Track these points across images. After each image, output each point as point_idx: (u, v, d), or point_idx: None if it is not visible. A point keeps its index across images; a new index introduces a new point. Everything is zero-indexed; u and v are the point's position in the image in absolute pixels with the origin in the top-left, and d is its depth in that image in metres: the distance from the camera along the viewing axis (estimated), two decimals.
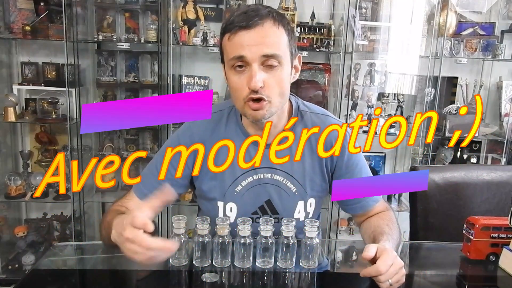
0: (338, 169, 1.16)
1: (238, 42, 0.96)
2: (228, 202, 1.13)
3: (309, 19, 2.53)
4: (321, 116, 1.16)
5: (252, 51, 0.96)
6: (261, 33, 0.96)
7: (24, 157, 2.60)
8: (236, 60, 0.98)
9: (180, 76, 2.57)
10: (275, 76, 0.99)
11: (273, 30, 0.97)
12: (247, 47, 0.96)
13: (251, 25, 0.95)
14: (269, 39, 0.96)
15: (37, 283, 1.00)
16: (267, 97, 0.99)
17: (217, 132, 1.12)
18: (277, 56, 0.97)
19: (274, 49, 0.97)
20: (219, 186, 1.13)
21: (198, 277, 0.99)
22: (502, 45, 2.54)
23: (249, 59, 0.96)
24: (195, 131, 1.13)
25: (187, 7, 2.49)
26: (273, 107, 1.02)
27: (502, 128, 2.62)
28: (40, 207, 2.68)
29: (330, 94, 2.63)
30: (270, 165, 1.10)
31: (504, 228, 1.10)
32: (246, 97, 1.00)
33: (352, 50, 2.43)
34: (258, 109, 1.00)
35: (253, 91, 0.98)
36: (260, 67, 0.97)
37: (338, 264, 1.25)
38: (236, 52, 0.97)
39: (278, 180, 1.13)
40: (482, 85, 2.68)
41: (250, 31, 0.95)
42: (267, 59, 0.97)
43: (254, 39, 0.95)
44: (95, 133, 2.65)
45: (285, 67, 1.00)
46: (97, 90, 2.62)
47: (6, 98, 2.38)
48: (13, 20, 2.46)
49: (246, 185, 1.13)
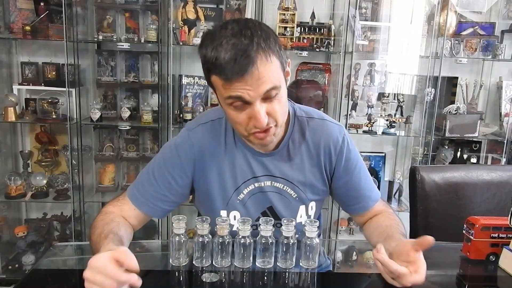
0: (337, 171, 1.16)
1: (234, 88, 0.92)
2: (231, 210, 1.13)
3: (309, 19, 2.53)
4: (318, 121, 1.16)
5: (251, 94, 0.92)
6: (256, 76, 0.91)
7: (24, 157, 2.60)
8: (233, 100, 0.94)
9: (180, 76, 2.57)
10: (276, 103, 0.97)
11: (266, 66, 0.92)
12: (245, 91, 0.92)
13: (245, 73, 0.90)
14: (265, 78, 0.92)
15: (37, 283, 1.00)
16: (273, 122, 0.98)
17: (217, 141, 1.11)
18: (275, 87, 0.94)
19: (271, 83, 0.93)
20: (221, 195, 1.12)
21: (198, 277, 0.99)
22: (502, 45, 2.54)
23: (248, 100, 0.93)
24: (195, 142, 1.10)
25: (187, 7, 2.49)
26: (279, 128, 1.02)
27: (502, 128, 2.62)
28: (40, 207, 2.68)
29: (330, 94, 2.63)
30: (269, 173, 1.11)
31: (504, 228, 1.10)
32: (250, 130, 0.98)
33: (352, 50, 2.43)
34: (265, 137, 1.00)
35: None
36: (261, 101, 0.95)
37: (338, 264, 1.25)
38: (232, 93, 0.93)
39: (279, 187, 1.13)
40: (482, 85, 2.68)
41: (244, 78, 0.90)
42: (266, 93, 0.94)
43: (250, 84, 0.91)
44: (95, 133, 2.65)
45: (282, 88, 0.98)
46: (97, 90, 2.62)
47: (6, 98, 2.38)
48: (13, 20, 2.46)
49: (248, 193, 1.12)
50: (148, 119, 2.47)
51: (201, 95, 2.60)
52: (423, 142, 2.58)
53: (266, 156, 1.11)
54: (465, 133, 2.54)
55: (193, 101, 2.57)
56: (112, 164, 2.61)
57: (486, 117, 2.76)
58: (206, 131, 1.11)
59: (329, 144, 1.12)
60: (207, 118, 1.14)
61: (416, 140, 2.64)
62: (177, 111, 2.54)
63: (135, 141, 2.66)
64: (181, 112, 2.53)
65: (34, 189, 2.50)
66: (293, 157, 1.12)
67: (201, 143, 1.10)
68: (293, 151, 1.12)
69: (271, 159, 1.11)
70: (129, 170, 2.69)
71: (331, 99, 2.62)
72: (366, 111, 2.58)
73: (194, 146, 1.10)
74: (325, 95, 2.57)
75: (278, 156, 1.12)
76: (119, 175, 2.69)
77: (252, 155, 1.11)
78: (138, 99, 2.65)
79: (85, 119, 2.48)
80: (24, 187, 2.50)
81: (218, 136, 1.12)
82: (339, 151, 1.14)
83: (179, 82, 2.56)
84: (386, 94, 2.61)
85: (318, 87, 2.53)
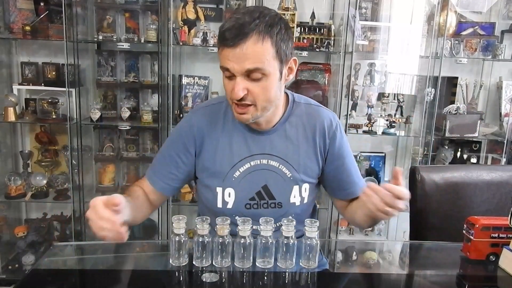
0: (330, 155, 1.23)
1: (225, 56, 1.04)
2: (226, 187, 1.18)
3: (309, 19, 2.53)
4: (314, 107, 1.25)
5: (235, 67, 1.03)
6: (243, 51, 1.01)
7: (24, 157, 2.60)
8: (224, 70, 1.07)
9: (180, 76, 2.57)
10: (260, 86, 1.05)
11: (256, 46, 1.01)
12: (231, 62, 1.03)
13: (235, 43, 1.01)
14: (251, 56, 1.01)
15: (37, 283, 1.00)
16: (252, 101, 1.07)
17: (215, 122, 1.20)
18: (260, 69, 1.03)
19: (256, 64, 1.02)
20: (218, 172, 1.19)
21: (198, 277, 0.99)
22: (502, 45, 2.54)
23: (233, 72, 1.04)
24: (195, 122, 1.20)
25: (187, 7, 2.49)
26: (258, 112, 1.09)
27: (502, 128, 2.62)
28: (40, 207, 2.68)
29: (330, 94, 2.63)
30: (265, 151, 1.19)
31: (504, 228, 1.10)
32: (231, 100, 1.10)
33: (352, 50, 2.43)
34: (242, 113, 1.09)
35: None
36: (245, 78, 1.04)
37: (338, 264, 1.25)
38: (223, 64, 1.05)
39: (274, 165, 1.19)
40: (482, 85, 2.68)
41: (234, 49, 1.01)
42: (250, 72, 1.03)
43: (237, 56, 1.01)
44: (95, 133, 2.65)
45: (271, 76, 1.05)
46: (97, 90, 2.62)
47: (6, 98, 2.38)
48: (13, 20, 2.46)
49: (244, 171, 1.18)
50: (148, 119, 2.48)
51: (201, 95, 2.60)
52: (423, 142, 2.58)
53: (263, 135, 1.19)
54: (465, 133, 2.54)
55: (193, 101, 2.57)
56: (112, 164, 2.61)
57: (486, 117, 2.76)
58: (205, 113, 1.22)
59: (323, 125, 1.21)
60: (208, 103, 1.28)
61: (416, 140, 2.64)
62: (177, 111, 2.54)
63: (135, 141, 2.66)
64: (181, 112, 2.53)
65: (34, 189, 2.50)
66: (289, 137, 1.20)
67: (200, 123, 1.20)
68: (290, 131, 1.20)
69: (268, 138, 1.19)
70: (129, 170, 2.69)
71: (331, 99, 2.62)
72: (366, 111, 2.57)
73: (194, 125, 1.20)
74: (325, 95, 2.57)
75: (275, 135, 1.19)
76: (119, 175, 2.69)
77: (250, 134, 1.19)
78: (138, 99, 2.65)
79: (85, 119, 2.48)
80: (24, 187, 2.51)
81: (216, 117, 1.21)
82: (332, 134, 1.22)
83: (179, 82, 2.57)
84: (386, 94, 2.61)
85: (318, 87, 2.53)
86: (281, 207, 1.19)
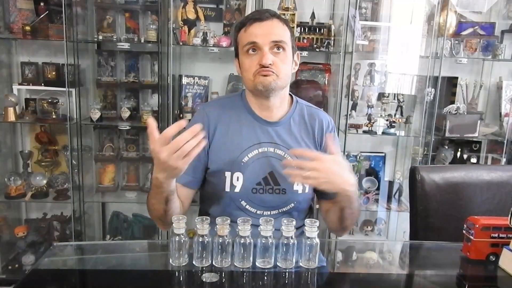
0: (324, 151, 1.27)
1: (253, 31, 1.22)
2: (235, 172, 1.26)
3: (309, 19, 2.53)
4: (314, 109, 1.40)
5: (264, 38, 1.20)
6: (270, 25, 1.22)
7: (24, 157, 2.60)
8: (250, 45, 1.22)
9: (180, 76, 2.57)
10: (281, 58, 1.22)
11: (280, 25, 1.24)
12: (259, 35, 1.21)
13: (263, 18, 1.22)
14: (277, 30, 1.22)
15: (37, 283, 1.00)
16: (275, 71, 1.21)
17: (227, 112, 1.32)
18: (283, 42, 1.22)
19: (280, 37, 1.22)
20: (227, 157, 1.27)
21: (198, 277, 0.99)
22: (502, 45, 2.53)
23: (261, 44, 1.21)
24: (208, 112, 1.32)
25: (187, 7, 2.49)
26: (279, 81, 1.23)
27: (502, 128, 2.62)
28: (40, 207, 2.68)
29: (330, 94, 2.63)
30: (273, 140, 1.29)
31: (504, 228, 1.10)
32: (256, 71, 1.21)
33: (352, 50, 2.43)
34: (267, 75, 1.21)
35: (263, 66, 1.20)
36: (270, 50, 1.21)
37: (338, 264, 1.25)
38: (250, 39, 1.22)
39: (280, 154, 1.29)
40: (482, 85, 2.68)
41: (262, 23, 1.22)
42: (275, 44, 1.21)
43: (265, 29, 1.21)
44: (95, 133, 2.65)
45: (288, 53, 1.25)
46: (97, 90, 2.62)
47: (6, 98, 2.38)
48: (13, 20, 2.46)
49: (252, 156, 1.27)
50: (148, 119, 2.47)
51: (201, 95, 2.60)
52: (423, 142, 2.58)
53: (271, 126, 1.30)
54: (465, 133, 2.54)
55: (193, 101, 2.57)
56: (112, 164, 2.61)
57: (486, 117, 2.76)
58: (217, 105, 1.36)
59: (322, 123, 1.36)
60: (219, 98, 1.48)
61: (416, 140, 2.64)
62: (177, 111, 2.54)
63: (135, 141, 2.66)
64: (181, 112, 2.53)
65: (34, 189, 2.50)
66: (293, 131, 1.32)
67: (213, 113, 1.31)
68: (294, 127, 1.33)
69: (275, 129, 1.30)
70: (129, 170, 2.69)
71: (331, 99, 2.62)
72: (366, 111, 2.57)
73: (206, 115, 1.31)
74: (325, 95, 2.57)
75: (281, 128, 1.31)
76: (119, 175, 2.69)
77: (259, 124, 1.30)
78: (138, 99, 2.65)
79: (85, 119, 2.48)
80: (24, 187, 2.50)
81: (228, 107, 1.33)
82: (329, 131, 1.36)
83: (179, 82, 2.56)
84: (386, 94, 2.61)
85: (318, 87, 2.53)
86: (285, 193, 1.28)
